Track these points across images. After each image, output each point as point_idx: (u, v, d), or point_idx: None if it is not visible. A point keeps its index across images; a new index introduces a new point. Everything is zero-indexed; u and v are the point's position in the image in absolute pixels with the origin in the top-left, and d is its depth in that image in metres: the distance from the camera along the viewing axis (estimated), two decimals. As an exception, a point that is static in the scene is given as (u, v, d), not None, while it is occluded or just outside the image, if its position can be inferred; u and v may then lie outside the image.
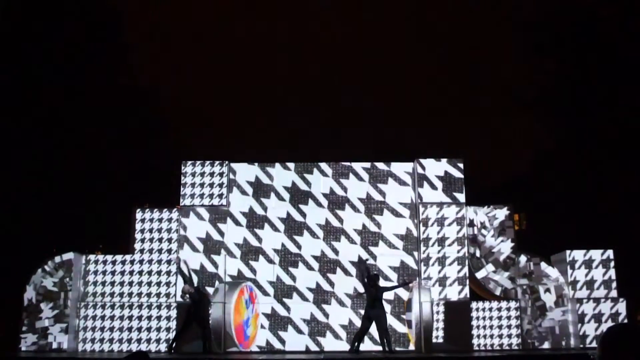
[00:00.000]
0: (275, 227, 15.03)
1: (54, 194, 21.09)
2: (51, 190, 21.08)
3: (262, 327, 14.58)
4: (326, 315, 14.56)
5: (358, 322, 14.28)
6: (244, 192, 15.22)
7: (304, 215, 15.06)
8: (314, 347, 14.37)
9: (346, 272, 14.72)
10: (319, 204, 15.10)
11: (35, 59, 21.59)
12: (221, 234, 14.98)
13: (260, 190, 15.21)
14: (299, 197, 15.15)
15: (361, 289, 13.75)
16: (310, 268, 14.78)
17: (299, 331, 14.49)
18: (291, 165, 15.37)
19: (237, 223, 15.06)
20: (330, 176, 15.26)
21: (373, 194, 15.17)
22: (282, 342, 14.44)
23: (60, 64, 22.21)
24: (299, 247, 14.91)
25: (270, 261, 14.84)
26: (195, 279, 13.82)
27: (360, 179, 15.23)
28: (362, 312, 14.15)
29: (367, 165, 15.36)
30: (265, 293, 14.68)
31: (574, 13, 23.58)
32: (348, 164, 15.36)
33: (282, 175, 15.28)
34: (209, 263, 14.81)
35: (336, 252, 14.84)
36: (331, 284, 14.69)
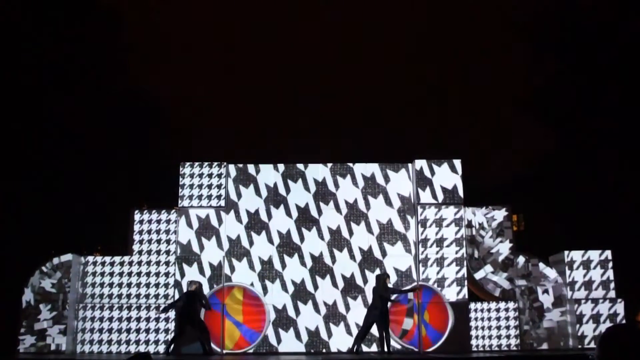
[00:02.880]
0: (289, 211, 15.03)
1: (52, 195, 21.07)
2: (49, 191, 21.06)
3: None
4: (298, 312, 14.53)
5: (324, 332, 14.35)
6: (275, 168, 15.29)
7: (320, 212, 15.04)
8: (272, 337, 14.33)
9: (334, 283, 14.65)
10: (339, 209, 15.05)
11: (35, 59, 21.58)
12: (239, 195, 15.02)
13: (292, 172, 15.24)
14: (324, 193, 15.12)
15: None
16: (303, 263, 14.78)
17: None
18: (329, 164, 15.35)
19: (257, 192, 15.08)
20: (360, 188, 15.12)
21: (396, 222, 14.93)
22: None
23: (60, 64, 22.19)
24: (302, 239, 14.90)
25: (270, 240, 14.86)
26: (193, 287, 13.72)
27: (390, 204, 15.03)
28: (333, 325, 14.22)
29: (406, 193, 15.05)
30: (252, 267, 14.70)
31: (574, 13, 23.61)
32: (384, 184, 15.08)
33: (316, 168, 15.28)
34: (215, 217, 14.82)
35: (334, 260, 14.80)
36: (315, 286, 14.66)
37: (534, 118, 26.06)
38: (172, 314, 14.18)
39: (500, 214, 15.00)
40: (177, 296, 14.20)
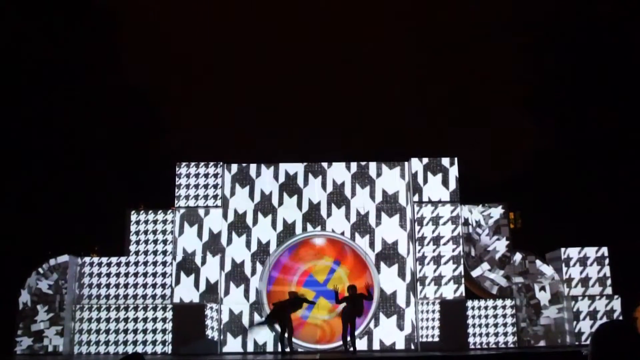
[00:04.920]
0: (301, 203, 14.98)
1: (49, 196, 21.01)
2: (46, 192, 21.00)
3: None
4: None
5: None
6: (302, 159, 15.31)
7: (330, 213, 14.95)
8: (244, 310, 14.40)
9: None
10: (348, 216, 14.90)
11: (33, 59, 21.52)
12: (258, 173, 15.06)
13: (315, 168, 15.19)
14: (340, 196, 15.00)
15: None
16: None
17: (246, 291, 14.57)
18: (353, 167, 15.17)
19: (276, 176, 15.07)
20: (377, 203, 14.89)
21: (401, 245, 14.79)
22: (227, 290, 14.48)
23: (58, 64, 22.13)
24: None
25: (274, 225, 14.84)
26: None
27: (403, 226, 14.84)
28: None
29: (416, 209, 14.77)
30: (248, 245, 14.73)
31: (573, 12, 23.64)
32: (404, 204, 14.86)
33: (339, 169, 15.14)
34: (229, 187, 14.90)
35: None
36: None
37: (531, 116, 26.08)
38: (169, 313, 14.17)
39: (496, 212, 15.01)
40: (172, 296, 14.23)
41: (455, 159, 15.13)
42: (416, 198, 14.82)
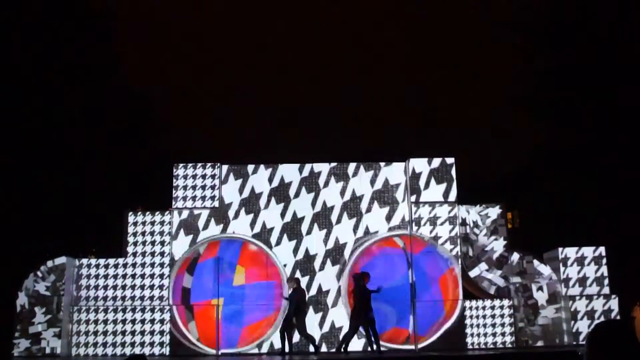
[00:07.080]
0: (316, 202, 14.91)
1: (46, 198, 20.98)
2: (43, 193, 20.97)
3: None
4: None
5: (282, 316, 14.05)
6: (330, 160, 15.24)
7: (339, 220, 14.82)
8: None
9: (308, 286, 14.42)
10: (357, 229, 14.76)
11: (31, 59, 21.47)
12: (282, 159, 15.19)
13: (341, 171, 15.10)
14: (354, 207, 14.82)
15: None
16: (295, 253, 14.77)
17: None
18: (389, 168, 15.00)
19: (301, 170, 15.04)
20: (390, 224, 14.73)
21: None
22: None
23: (52, 65, 22.09)
24: (309, 232, 14.83)
25: (283, 214, 14.82)
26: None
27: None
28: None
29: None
30: (252, 225, 14.76)
31: (570, 10, 23.66)
32: (415, 231, 14.62)
33: (364, 180, 14.95)
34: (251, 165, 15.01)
35: (322, 267, 14.71)
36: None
37: (528, 116, 26.09)
38: (167, 315, 14.16)
39: (494, 212, 15.02)
40: (171, 299, 14.21)
41: (453, 158, 15.13)
42: (413, 198, 14.81)
